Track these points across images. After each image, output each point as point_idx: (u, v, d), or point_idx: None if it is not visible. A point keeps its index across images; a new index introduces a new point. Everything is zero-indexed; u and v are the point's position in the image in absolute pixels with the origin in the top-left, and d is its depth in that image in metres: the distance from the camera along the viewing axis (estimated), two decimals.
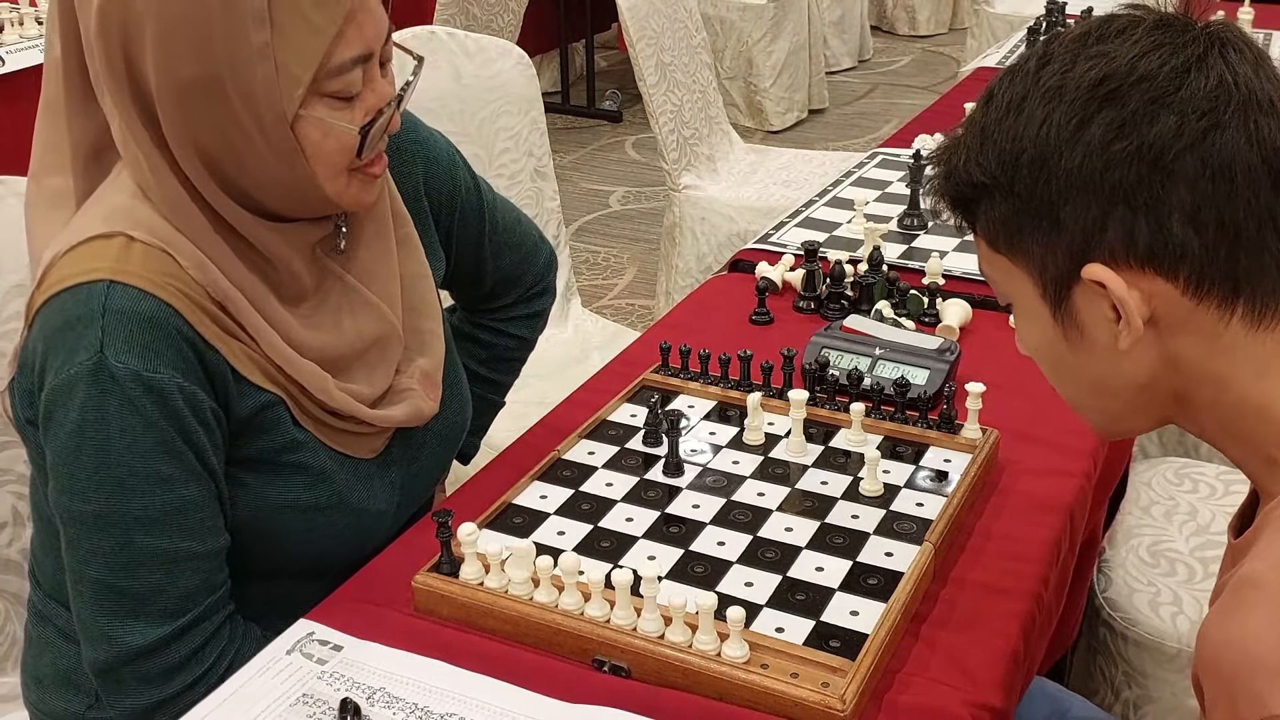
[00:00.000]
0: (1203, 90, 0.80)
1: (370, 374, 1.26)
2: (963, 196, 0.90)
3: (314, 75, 1.08)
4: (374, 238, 1.27)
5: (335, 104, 1.11)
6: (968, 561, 1.23)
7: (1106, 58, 0.82)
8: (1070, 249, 0.84)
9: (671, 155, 3.06)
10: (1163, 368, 0.86)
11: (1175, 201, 0.80)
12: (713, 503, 1.29)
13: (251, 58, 1.06)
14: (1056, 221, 0.84)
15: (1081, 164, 0.81)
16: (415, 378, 1.30)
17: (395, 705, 1.06)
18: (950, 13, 6.74)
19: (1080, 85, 0.82)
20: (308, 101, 1.10)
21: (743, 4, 5.03)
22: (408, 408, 1.28)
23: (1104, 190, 0.81)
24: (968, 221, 0.91)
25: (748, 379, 1.49)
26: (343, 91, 1.11)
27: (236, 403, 1.16)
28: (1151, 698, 1.62)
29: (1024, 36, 3.15)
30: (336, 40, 1.08)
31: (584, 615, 1.11)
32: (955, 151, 0.89)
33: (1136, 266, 0.82)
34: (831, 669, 1.05)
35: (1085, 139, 0.81)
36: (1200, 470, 1.87)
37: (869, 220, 1.93)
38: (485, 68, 2.18)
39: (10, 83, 2.94)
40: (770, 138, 5.10)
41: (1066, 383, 0.94)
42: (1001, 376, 1.51)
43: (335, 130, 1.12)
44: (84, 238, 1.11)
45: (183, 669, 1.13)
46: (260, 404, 1.17)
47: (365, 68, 1.13)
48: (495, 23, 4.85)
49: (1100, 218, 0.82)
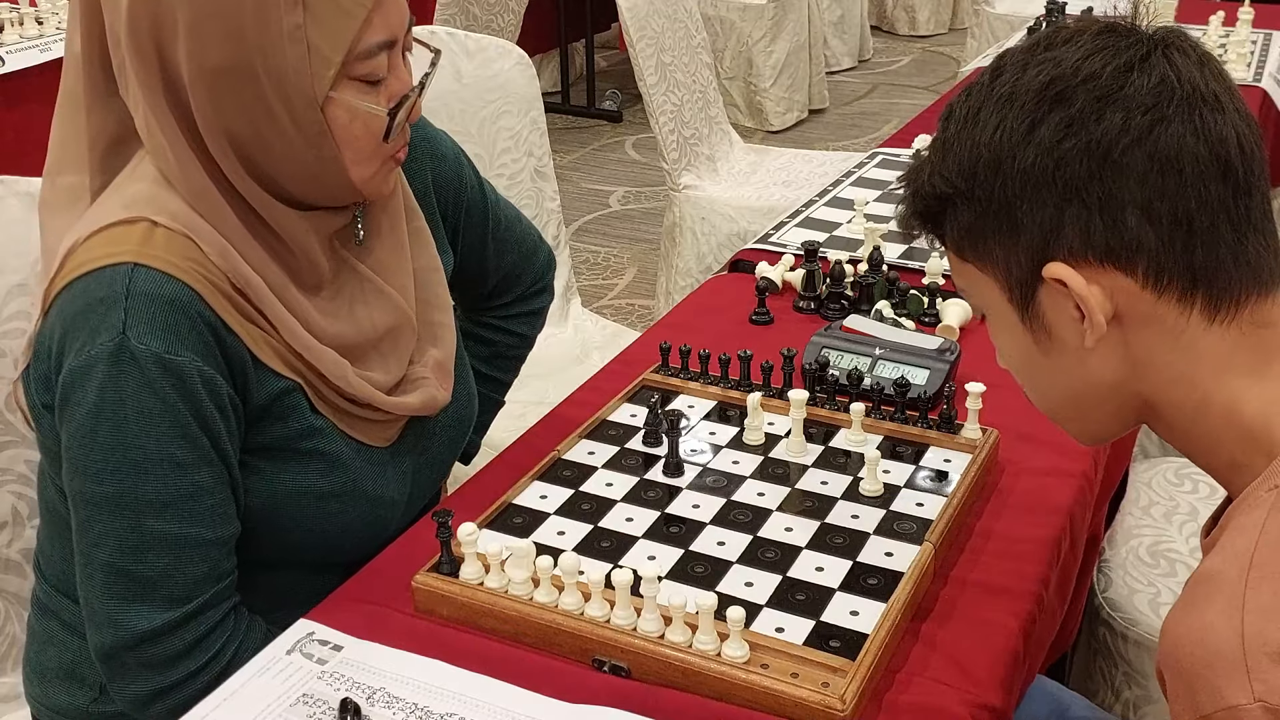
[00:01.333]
0: (1146, 87, 0.83)
1: (385, 362, 1.27)
2: (929, 210, 0.93)
3: (344, 58, 1.10)
4: (389, 230, 1.29)
5: (363, 88, 1.13)
6: (968, 561, 1.23)
7: (1054, 62, 0.85)
8: (1030, 249, 0.87)
9: (671, 155, 3.07)
10: (1129, 369, 0.88)
11: (1127, 196, 0.83)
12: (713, 503, 1.29)
13: (283, 40, 1.08)
14: (1015, 222, 0.86)
15: (1034, 163, 0.84)
16: (429, 367, 1.31)
17: (395, 705, 1.06)
18: (950, 13, 6.74)
19: (1030, 89, 0.85)
20: (337, 84, 1.11)
21: (743, 4, 5.03)
22: (422, 395, 1.29)
23: (1057, 188, 0.84)
24: (937, 235, 0.94)
25: (748, 379, 1.49)
26: (370, 75, 1.13)
27: (255, 389, 1.17)
28: (1151, 698, 1.62)
29: (1024, 37, 3.15)
30: (365, 24, 1.10)
31: (584, 615, 1.11)
32: (920, 170, 0.94)
33: (1095, 263, 0.85)
34: (832, 669, 1.05)
35: (1036, 139, 0.84)
36: (1200, 471, 1.86)
37: (869, 220, 1.93)
38: (485, 68, 2.18)
39: (10, 83, 2.93)
40: (770, 138, 5.10)
41: (1042, 391, 0.96)
42: (1001, 376, 1.50)
43: (363, 113, 1.14)
44: (105, 223, 1.12)
45: (187, 656, 1.13)
46: (278, 390, 1.18)
47: (390, 54, 1.14)
48: (495, 23, 4.85)
49: (1056, 215, 0.85)
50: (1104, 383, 0.90)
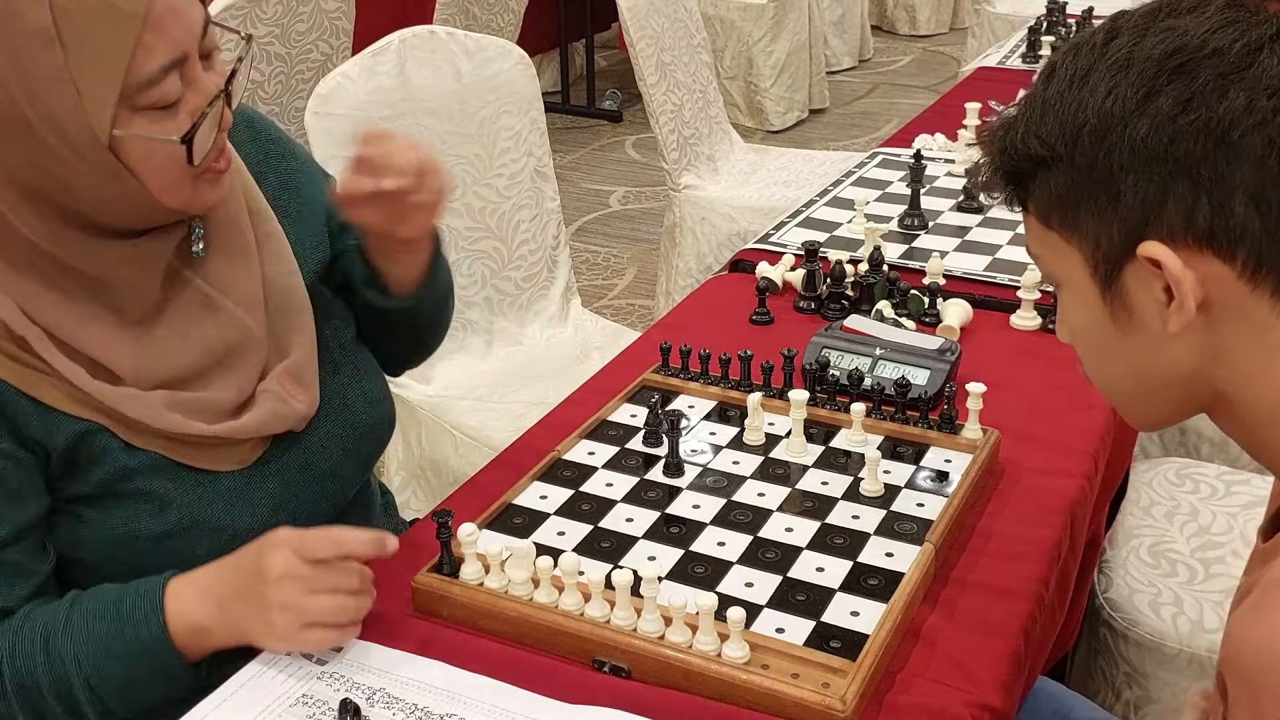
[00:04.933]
0: (1274, 69, 0.79)
1: (227, 380, 1.19)
2: (1018, 171, 0.88)
3: (120, 93, 1.01)
4: (229, 240, 1.20)
5: (155, 115, 1.04)
6: (968, 562, 1.23)
7: (1177, 32, 0.81)
8: (1127, 224, 0.82)
9: (671, 155, 3.06)
10: (1208, 359, 0.85)
11: (1239, 180, 0.79)
12: (713, 503, 1.29)
13: (46, 84, 0.99)
14: (1116, 195, 0.82)
15: (1146, 136, 0.80)
16: (275, 379, 1.22)
17: (395, 705, 1.06)
18: (950, 13, 6.73)
19: (1149, 58, 0.80)
20: (122, 120, 1.03)
21: (743, 4, 5.03)
22: (262, 413, 1.20)
23: (1168, 164, 0.80)
24: (1019, 198, 0.89)
25: (748, 379, 1.49)
26: (159, 102, 1.04)
27: (48, 435, 1.11)
28: (1152, 698, 1.61)
29: (1024, 36, 3.15)
30: (138, 52, 1.01)
31: (584, 616, 1.11)
32: (1012, 127, 0.87)
33: (1194, 246, 0.80)
34: (832, 670, 1.05)
35: (1152, 111, 0.80)
36: (1201, 471, 1.87)
37: (869, 220, 1.93)
38: (485, 67, 2.18)
39: None
40: (770, 137, 5.10)
41: (1107, 370, 0.92)
42: (1002, 376, 1.51)
43: (158, 145, 1.05)
44: None
45: None
46: (77, 433, 1.12)
47: (182, 69, 1.05)
48: (495, 23, 4.85)
49: (1161, 192, 0.80)
50: (1177, 370, 0.86)
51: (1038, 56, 2.89)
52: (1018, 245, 1.90)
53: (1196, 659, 1.57)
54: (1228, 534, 1.72)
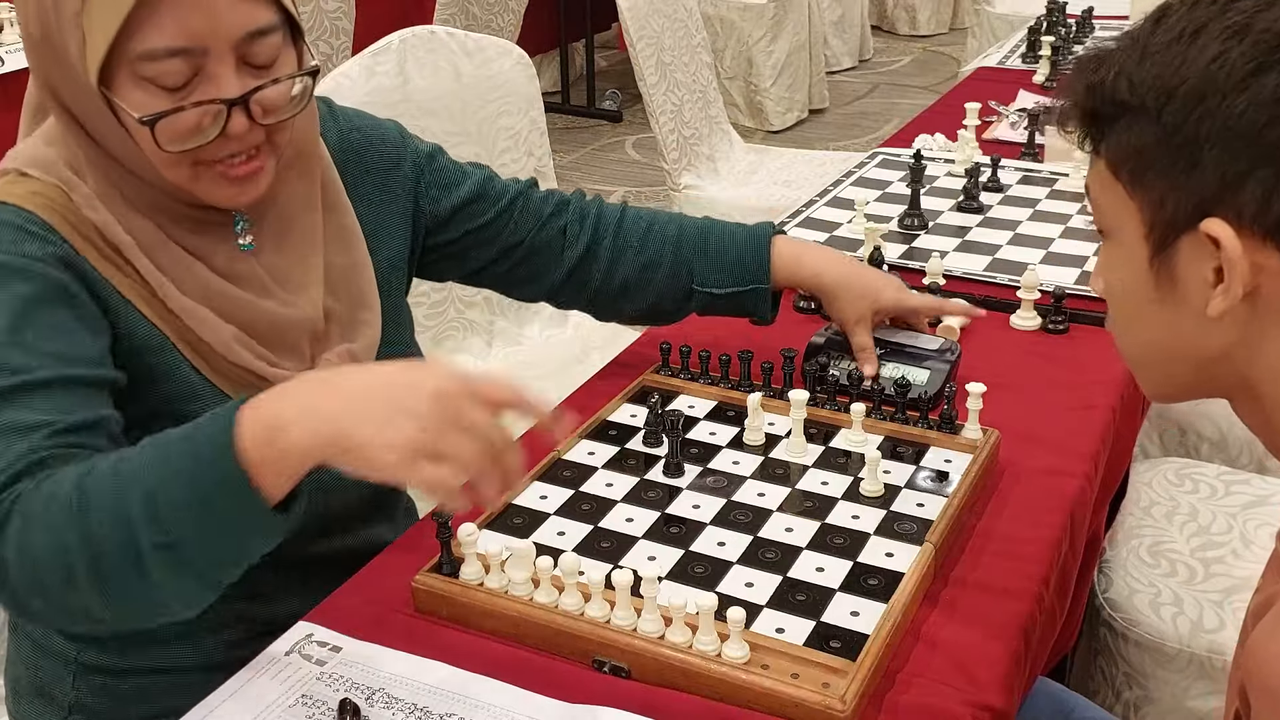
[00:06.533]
0: None
1: (288, 356, 1.21)
2: (1101, 113, 0.84)
3: (109, 49, 1.04)
4: (282, 237, 1.22)
5: (153, 91, 1.06)
6: (968, 562, 1.23)
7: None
8: (1197, 196, 0.79)
9: (671, 155, 3.06)
10: (1240, 348, 0.83)
11: None
12: (713, 503, 1.29)
13: (67, 24, 1.05)
14: (1195, 164, 0.78)
15: (1244, 111, 0.76)
16: (334, 355, 1.24)
17: (395, 706, 1.06)
18: (950, 13, 6.74)
19: (1270, 30, 0.76)
20: (120, 81, 1.06)
21: (743, 4, 5.04)
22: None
23: (1258, 146, 0.76)
24: (1094, 139, 0.86)
25: (748, 379, 1.49)
26: (158, 79, 1.06)
27: (122, 323, 1.12)
28: (1152, 698, 1.61)
29: (1024, 36, 3.15)
30: (145, 22, 1.03)
31: (584, 616, 1.11)
32: (1105, 65, 0.83)
33: (1258, 235, 0.77)
34: (832, 670, 1.05)
35: (1256, 87, 0.76)
36: (1201, 471, 1.87)
37: (869, 220, 1.93)
38: (485, 67, 2.18)
39: (11, 83, 2.93)
40: (770, 138, 5.10)
41: (1135, 334, 0.89)
42: (1002, 376, 1.51)
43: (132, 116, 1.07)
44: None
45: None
46: (147, 338, 1.13)
47: (200, 62, 1.06)
48: (495, 22, 4.85)
49: (1243, 174, 0.77)
50: (1206, 351, 0.84)
51: (1037, 57, 2.89)
52: (1018, 245, 1.90)
53: (1196, 659, 1.57)
54: (1227, 534, 1.72)
